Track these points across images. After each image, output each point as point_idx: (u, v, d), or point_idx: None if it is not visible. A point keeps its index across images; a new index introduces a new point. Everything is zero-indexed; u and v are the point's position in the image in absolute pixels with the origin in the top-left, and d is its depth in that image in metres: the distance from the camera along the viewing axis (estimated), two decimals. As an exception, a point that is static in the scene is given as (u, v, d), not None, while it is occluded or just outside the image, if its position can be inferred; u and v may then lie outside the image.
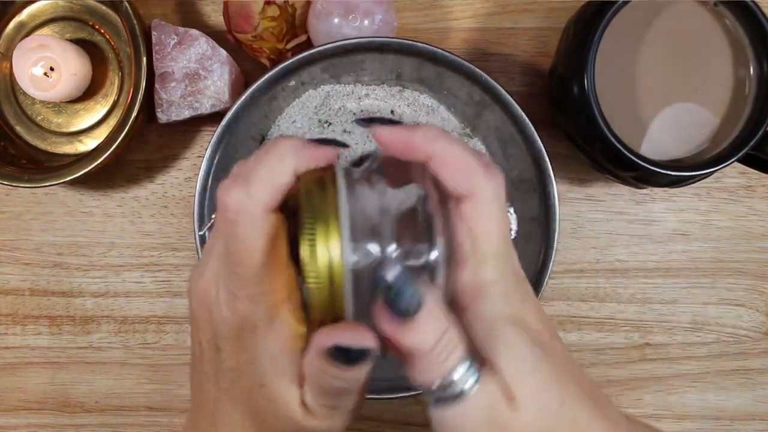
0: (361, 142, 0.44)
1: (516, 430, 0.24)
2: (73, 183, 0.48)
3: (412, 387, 0.42)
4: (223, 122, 0.41)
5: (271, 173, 0.25)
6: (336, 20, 0.42)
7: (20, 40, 0.46)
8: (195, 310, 0.27)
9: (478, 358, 0.25)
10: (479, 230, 0.26)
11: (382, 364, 0.46)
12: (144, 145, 0.48)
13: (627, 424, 0.27)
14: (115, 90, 0.47)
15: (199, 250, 0.42)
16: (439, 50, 0.40)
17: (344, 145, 0.33)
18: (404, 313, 0.24)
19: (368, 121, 0.25)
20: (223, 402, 0.27)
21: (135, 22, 0.43)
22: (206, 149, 0.41)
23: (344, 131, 0.45)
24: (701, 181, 0.40)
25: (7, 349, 0.50)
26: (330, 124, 0.45)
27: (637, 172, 0.37)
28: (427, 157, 0.25)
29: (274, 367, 0.26)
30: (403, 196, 0.26)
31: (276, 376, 0.26)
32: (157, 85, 0.44)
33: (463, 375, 0.24)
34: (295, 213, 0.25)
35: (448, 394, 0.24)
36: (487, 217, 0.26)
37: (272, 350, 0.26)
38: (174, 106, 0.44)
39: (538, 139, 0.40)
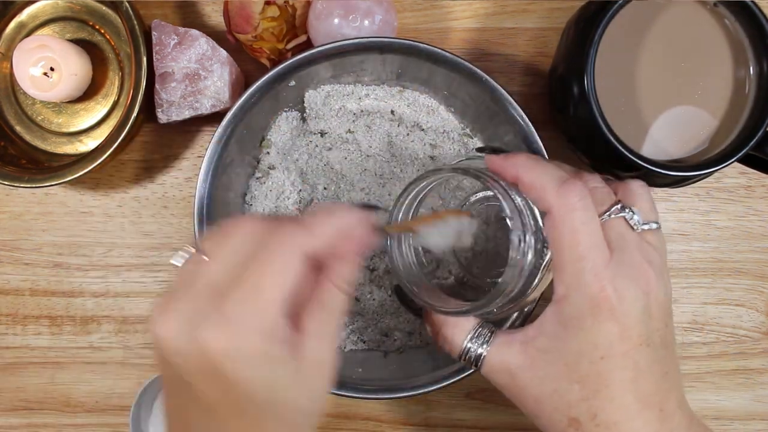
0: (365, 143, 0.45)
1: None
2: (73, 183, 0.48)
3: (411, 387, 0.42)
4: (223, 122, 0.41)
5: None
6: (336, 20, 0.42)
7: (20, 41, 0.46)
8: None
9: None
10: (553, 242, 0.31)
11: (381, 364, 0.46)
12: (144, 145, 0.49)
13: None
14: (115, 90, 0.47)
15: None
16: (440, 50, 0.40)
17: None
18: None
19: (484, 150, 0.36)
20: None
21: (135, 22, 0.43)
22: (206, 149, 0.41)
23: (348, 131, 0.45)
24: (701, 181, 0.40)
25: (7, 349, 0.50)
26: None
27: (637, 173, 0.37)
28: (515, 179, 0.32)
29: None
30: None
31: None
32: (157, 85, 0.44)
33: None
34: None
35: None
36: (559, 230, 0.30)
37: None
38: (174, 106, 0.44)
39: (539, 140, 0.40)
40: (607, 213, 0.32)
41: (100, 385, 0.50)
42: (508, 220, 0.31)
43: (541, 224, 0.32)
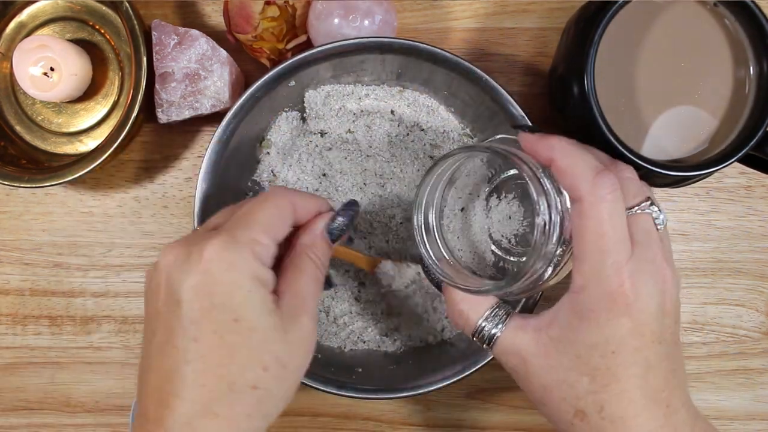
0: (365, 143, 0.45)
1: None
2: (73, 183, 0.48)
3: (411, 387, 0.42)
4: (223, 122, 0.41)
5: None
6: (336, 20, 0.42)
7: (20, 40, 0.46)
8: (153, 282, 0.30)
9: None
10: (577, 231, 0.30)
11: (382, 364, 0.46)
12: (144, 145, 0.49)
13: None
14: (115, 90, 0.47)
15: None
16: (439, 50, 0.40)
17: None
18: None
19: (522, 128, 0.35)
20: (187, 365, 0.28)
21: (135, 22, 0.43)
22: (206, 149, 0.41)
23: (348, 131, 0.45)
24: (701, 181, 0.40)
25: (7, 349, 0.50)
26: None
27: (637, 172, 0.37)
28: (549, 161, 0.31)
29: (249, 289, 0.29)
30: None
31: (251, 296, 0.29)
32: (157, 85, 0.44)
33: None
34: None
35: None
36: (586, 221, 0.29)
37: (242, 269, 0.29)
38: (174, 106, 0.44)
39: (538, 139, 0.40)
40: (637, 207, 0.31)
41: (100, 385, 0.50)
42: (535, 203, 0.30)
43: (568, 209, 0.31)
